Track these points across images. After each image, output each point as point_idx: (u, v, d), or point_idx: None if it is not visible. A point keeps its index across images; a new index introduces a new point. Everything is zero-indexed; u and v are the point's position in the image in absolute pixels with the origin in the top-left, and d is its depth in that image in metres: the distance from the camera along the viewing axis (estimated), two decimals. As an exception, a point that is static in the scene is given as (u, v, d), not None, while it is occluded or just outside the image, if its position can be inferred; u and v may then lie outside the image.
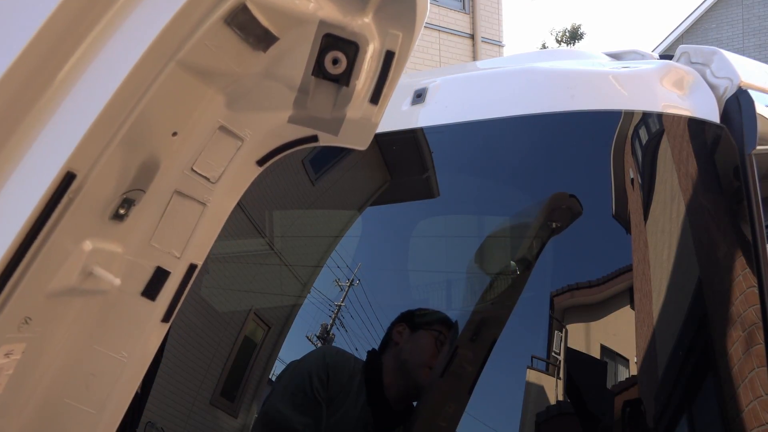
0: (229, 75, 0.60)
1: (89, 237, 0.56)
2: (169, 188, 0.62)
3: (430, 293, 1.19)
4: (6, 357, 0.54)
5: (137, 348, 0.65)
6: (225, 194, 0.66)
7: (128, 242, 0.60)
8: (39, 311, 0.55)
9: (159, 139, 0.59)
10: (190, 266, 0.66)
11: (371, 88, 0.63)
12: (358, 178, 1.28)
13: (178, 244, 0.64)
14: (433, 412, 1.04)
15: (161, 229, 0.62)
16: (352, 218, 1.29)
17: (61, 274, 0.55)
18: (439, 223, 1.20)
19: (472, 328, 1.02)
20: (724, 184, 1.01)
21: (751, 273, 0.96)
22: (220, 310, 1.50)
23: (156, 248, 0.63)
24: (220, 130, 0.63)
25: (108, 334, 0.62)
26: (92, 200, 0.54)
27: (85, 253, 0.56)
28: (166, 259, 0.63)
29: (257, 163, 0.67)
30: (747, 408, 0.90)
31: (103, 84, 0.50)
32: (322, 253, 1.35)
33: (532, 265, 1.05)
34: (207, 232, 0.66)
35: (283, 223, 1.46)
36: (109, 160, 0.53)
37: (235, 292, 1.50)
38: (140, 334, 0.65)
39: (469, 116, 1.12)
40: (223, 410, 1.34)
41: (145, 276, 0.63)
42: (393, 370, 1.11)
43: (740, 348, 0.92)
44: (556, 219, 1.01)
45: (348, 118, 0.63)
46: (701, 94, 1.04)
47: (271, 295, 1.44)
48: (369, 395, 1.11)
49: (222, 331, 1.45)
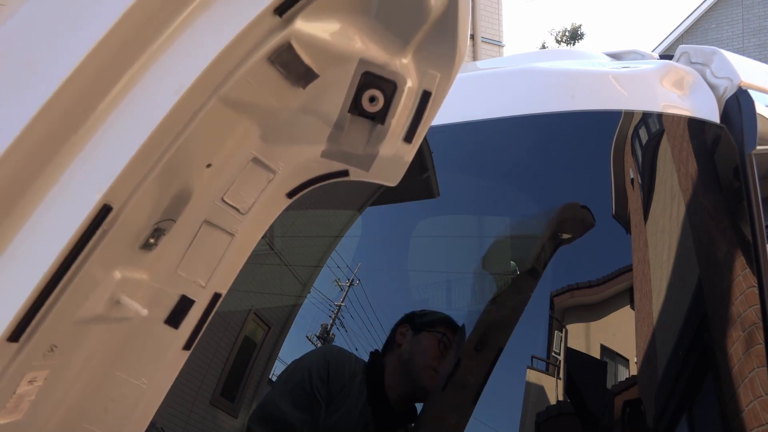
0: (267, 109, 0.60)
1: (119, 266, 0.56)
2: (199, 218, 0.62)
3: (430, 293, 1.19)
4: (29, 384, 0.54)
5: (157, 375, 0.65)
6: (253, 225, 0.66)
7: (155, 270, 0.60)
8: (65, 339, 0.55)
9: (193, 171, 0.59)
10: (215, 295, 0.66)
11: (406, 126, 0.63)
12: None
13: (204, 274, 0.64)
14: (437, 414, 1.04)
15: (188, 258, 0.62)
16: (352, 218, 1.29)
17: (89, 303, 0.55)
18: (439, 223, 1.20)
19: (472, 329, 1.02)
20: (724, 184, 1.01)
21: (751, 273, 0.96)
22: (220, 310, 1.50)
23: (182, 277, 0.63)
24: (253, 161, 0.63)
25: (129, 361, 0.63)
26: (125, 231, 0.55)
27: (114, 283, 0.56)
28: (192, 288, 0.64)
29: (287, 195, 0.67)
30: (747, 408, 0.90)
31: (145, 117, 0.50)
32: (322, 253, 1.35)
33: (533, 268, 1.05)
34: (233, 262, 0.66)
35: (283, 223, 1.46)
36: (144, 192, 0.54)
37: (235, 292, 1.50)
38: (161, 362, 0.65)
39: (469, 116, 1.12)
40: (223, 410, 1.34)
41: (169, 304, 0.63)
42: (395, 371, 1.11)
43: (740, 348, 0.92)
44: (566, 230, 1.01)
45: (381, 155, 0.63)
46: (701, 94, 1.04)
47: (271, 295, 1.44)
48: (370, 396, 1.11)
49: (222, 331, 1.45)
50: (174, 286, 0.63)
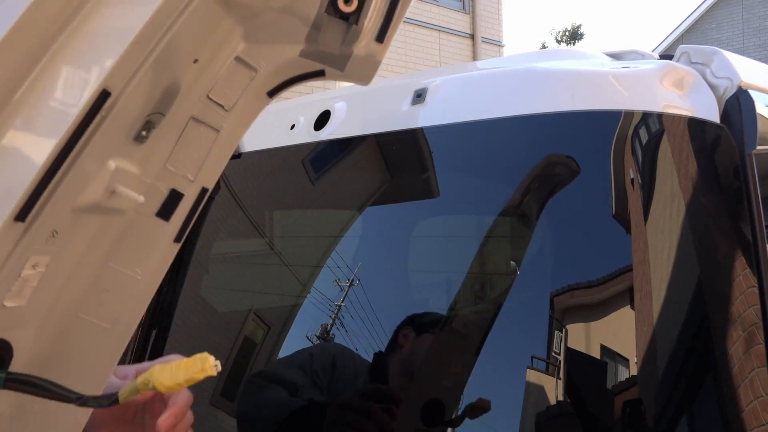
0: (251, 7, 0.63)
1: (114, 156, 0.59)
2: (186, 113, 0.65)
3: (430, 293, 1.19)
4: (32, 268, 0.57)
5: (150, 266, 0.68)
6: (237, 122, 0.69)
7: (146, 164, 0.63)
8: (65, 226, 0.58)
9: (182, 64, 0.62)
10: (202, 189, 0.69)
11: (378, 27, 0.66)
12: (358, 178, 1.28)
13: (191, 168, 0.67)
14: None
15: (176, 153, 0.66)
16: (352, 218, 1.29)
17: (88, 190, 0.58)
18: (439, 223, 1.20)
19: (471, 329, 1.02)
20: (724, 184, 1.01)
21: (751, 273, 0.96)
22: (220, 310, 1.50)
23: (171, 171, 0.66)
24: (236, 60, 0.66)
25: (123, 253, 0.65)
26: (121, 119, 0.57)
27: (110, 172, 0.59)
28: (180, 182, 0.67)
29: (268, 94, 0.70)
30: (747, 408, 0.90)
31: (143, 4, 0.53)
32: (322, 253, 1.35)
33: (531, 263, 1.05)
34: (218, 157, 0.69)
35: (283, 223, 1.46)
36: (139, 81, 0.56)
37: (235, 292, 1.50)
38: (154, 253, 0.68)
39: (469, 116, 1.12)
40: (223, 410, 1.34)
41: (160, 197, 0.66)
42: (398, 373, 1.11)
43: (740, 348, 0.92)
44: (552, 179, 1.01)
45: (355, 55, 0.66)
46: (701, 94, 1.04)
47: (271, 295, 1.44)
48: None
49: (222, 331, 1.45)
50: (164, 180, 0.66)
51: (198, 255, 1.50)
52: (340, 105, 1.35)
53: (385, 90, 1.34)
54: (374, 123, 1.27)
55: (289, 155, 1.41)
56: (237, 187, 1.51)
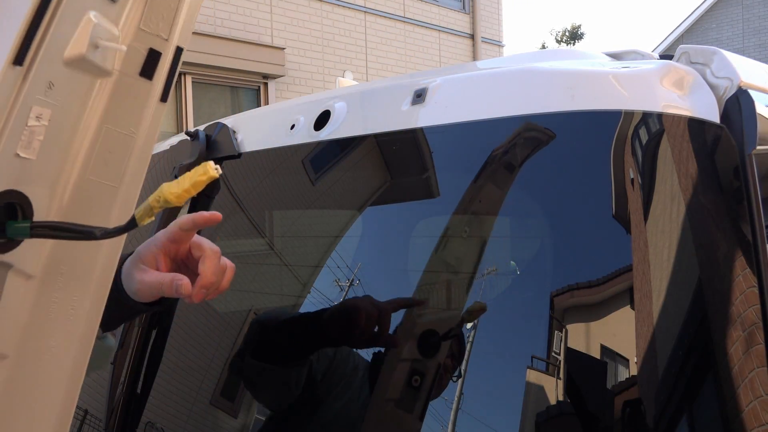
0: None
1: (93, 9, 0.65)
2: None
3: (430, 293, 1.19)
4: (37, 120, 0.63)
5: (143, 125, 0.74)
6: None
7: (122, 25, 0.69)
8: (60, 79, 0.64)
9: None
10: (177, 48, 0.75)
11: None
12: (358, 178, 1.28)
13: (164, 28, 0.73)
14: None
15: (148, 14, 0.71)
16: (352, 218, 1.29)
17: (74, 42, 0.64)
18: (439, 223, 1.20)
19: (471, 328, 1.02)
20: (724, 184, 1.01)
21: (751, 273, 0.96)
22: (220, 310, 1.50)
23: (146, 31, 0.72)
24: None
25: (116, 114, 0.71)
26: None
27: (92, 24, 0.65)
28: (157, 42, 0.73)
29: None
30: (747, 408, 0.90)
31: None
32: (322, 253, 1.35)
33: (531, 264, 1.05)
34: (188, 15, 0.75)
35: (283, 223, 1.46)
36: None
37: (235, 292, 1.50)
38: (144, 112, 0.74)
39: (469, 116, 1.12)
40: (223, 410, 1.34)
41: (140, 58, 0.72)
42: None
43: (740, 348, 0.92)
44: (522, 146, 1.01)
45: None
46: (701, 94, 1.04)
47: (271, 295, 1.44)
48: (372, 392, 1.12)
49: (222, 331, 1.45)
50: (140, 40, 0.72)
51: (198, 255, 1.50)
52: (340, 105, 1.35)
53: (385, 90, 1.34)
54: (374, 123, 1.27)
55: (289, 155, 1.41)
56: (237, 187, 1.51)
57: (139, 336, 1.47)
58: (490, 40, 12.14)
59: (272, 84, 8.75)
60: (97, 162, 0.70)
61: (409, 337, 1.10)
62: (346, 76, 9.48)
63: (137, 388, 1.43)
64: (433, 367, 1.06)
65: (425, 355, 1.08)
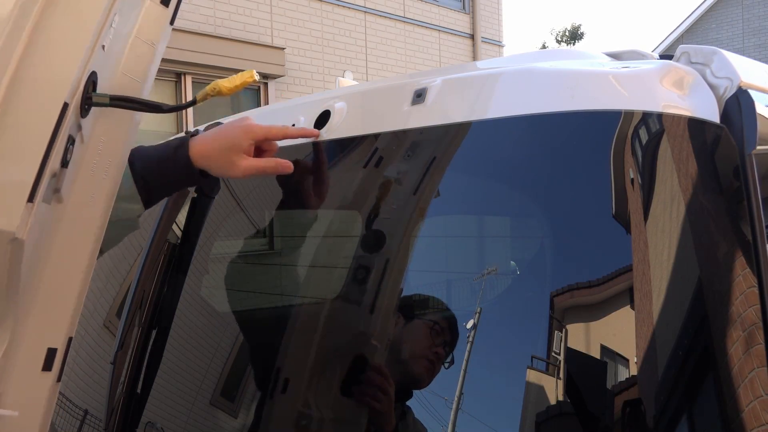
0: None
1: None
2: None
3: (430, 293, 1.19)
4: (112, 25, 0.82)
5: (160, 46, 0.95)
6: None
7: None
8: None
9: None
10: None
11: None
12: (358, 178, 1.28)
13: None
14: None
15: None
16: (352, 218, 1.29)
17: None
18: (440, 223, 1.20)
19: (471, 328, 1.02)
20: (724, 184, 1.01)
21: (751, 273, 0.96)
22: (220, 310, 1.50)
23: None
24: None
25: (144, 33, 0.92)
26: None
27: None
28: None
29: None
30: (747, 408, 0.90)
31: None
32: (322, 254, 1.35)
33: (531, 264, 1.05)
34: None
35: (283, 223, 1.46)
36: None
37: (235, 292, 1.50)
38: (163, 36, 0.95)
39: (469, 116, 1.12)
40: (223, 410, 1.34)
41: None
42: (388, 360, 1.11)
43: (740, 348, 0.92)
44: (522, 146, 1.00)
45: None
46: (701, 94, 1.04)
47: (271, 295, 1.44)
48: None
49: (222, 331, 1.45)
50: None
51: (198, 255, 1.50)
52: (340, 105, 1.35)
53: (385, 90, 1.34)
54: (374, 123, 1.27)
55: (289, 155, 1.41)
56: (237, 187, 1.51)
57: (139, 336, 1.47)
58: (490, 40, 12.14)
59: (272, 84, 8.75)
60: (129, 60, 0.91)
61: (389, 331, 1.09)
62: (346, 76, 9.48)
63: (137, 388, 1.43)
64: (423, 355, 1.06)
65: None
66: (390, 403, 1.06)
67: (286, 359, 1.24)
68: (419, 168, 1.18)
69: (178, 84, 7.81)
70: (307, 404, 1.18)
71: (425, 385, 1.05)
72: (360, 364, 1.12)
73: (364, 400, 1.07)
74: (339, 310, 1.21)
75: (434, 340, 1.08)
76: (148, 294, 1.50)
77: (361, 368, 1.11)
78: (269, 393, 1.26)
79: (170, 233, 1.58)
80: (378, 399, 1.06)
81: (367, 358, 1.12)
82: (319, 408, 1.17)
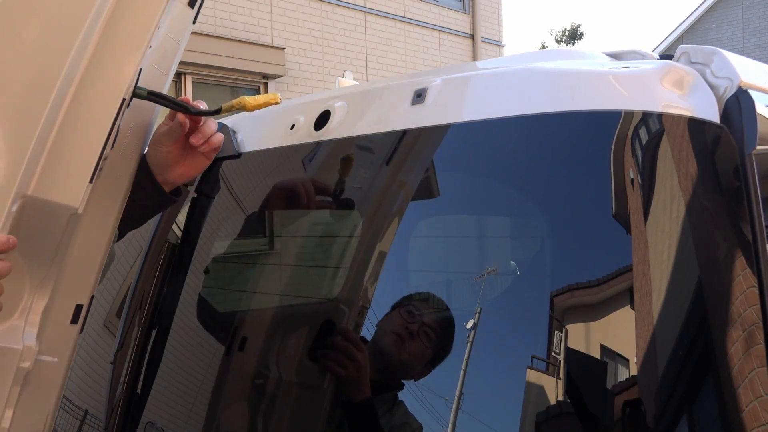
0: None
1: None
2: None
3: (430, 293, 1.19)
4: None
5: (182, 41, 1.05)
6: None
7: None
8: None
9: None
10: None
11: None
12: (358, 178, 1.28)
13: None
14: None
15: None
16: (351, 218, 1.29)
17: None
18: (439, 223, 1.20)
19: (471, 328, 1.02)
20: (724, 184, 1.01)
21: (751, 273, 0.96)
22: (220, 310, 1.50)
23: None
24: None
25: (174, 31, 1.03)
26: None
27: None
28: None
29: None
30: (747, 408, 0.90)
31: None
32: (322, 254, 1.35)
33: (531, 264, 1.05)
34: None
35: (283, 223, 1.46)
36: None
37: (235, 292, 1.50)
38: (185, 35, 1.05)
39: (469, 116, 1.12)
40: (223, 410, 1.34)
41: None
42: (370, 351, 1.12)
43: (740, 348, 0.92)
44: (522, 146, 1.00)
45: None
46: (701, 94, 1.04)
47: (271, 295, 1.44)
48: None
49: (222, 331, 1.45)
50: None
51: (198, 255, 1.50)
52: (340, 105, 1.35)
53: (385, 90, 1.34)
54: (374, 123, 1.27)
55: (289, 155, 1.41)
56: (237, 187, 1.51)
57: (139, 336, 1.47)
58: (490, 40, 12.14)
59: (272, 84, 8.75)
60: (159, 54, 1.00)
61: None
62: (346, 76, 9.48)
63: (137, 388, 1.43)
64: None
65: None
66: (359, 371, 1.10)
67: (285, 360, 1.24)
68: (419, 168, 1.18)
69: (178, 84, 7.81)
70: (305, 403, 1.18)
71: (396, 361, 1.10)
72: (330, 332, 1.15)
73: (329, 367, 1.11)
74: (338, 312, 1.21)
75: (407, 318, 1.11)
76: (148, 294, 1.50)
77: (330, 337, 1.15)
78: (265, 391, 1.26)
79: (170, 233, 1.59)
80: (343, 365, 1.09)
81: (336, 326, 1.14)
82: (319, 408, 1.17)
